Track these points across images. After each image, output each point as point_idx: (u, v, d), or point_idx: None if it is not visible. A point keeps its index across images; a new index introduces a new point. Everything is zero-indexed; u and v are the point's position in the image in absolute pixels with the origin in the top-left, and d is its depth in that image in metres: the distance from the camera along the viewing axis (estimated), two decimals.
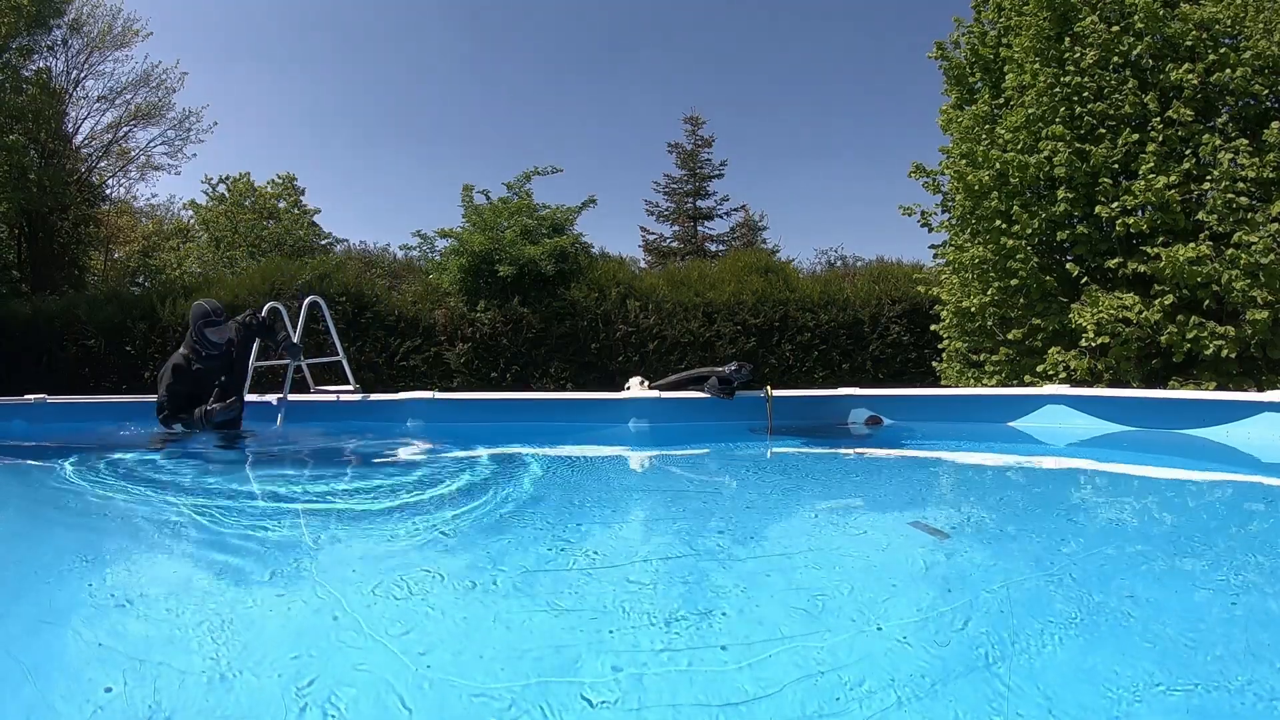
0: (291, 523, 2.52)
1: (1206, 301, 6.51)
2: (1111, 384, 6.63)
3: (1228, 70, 6.57)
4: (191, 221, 22.00)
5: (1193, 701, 1.27)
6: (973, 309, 7.73)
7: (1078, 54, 7.03)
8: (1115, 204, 6.73)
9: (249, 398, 5.40)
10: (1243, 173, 6.41)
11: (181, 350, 4.34)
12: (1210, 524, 2.71)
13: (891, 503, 2.93)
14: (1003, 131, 7.34)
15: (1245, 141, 6.43)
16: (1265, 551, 2.28)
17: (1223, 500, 3.08)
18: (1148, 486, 3.42)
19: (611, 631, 1.56)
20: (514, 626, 1.59)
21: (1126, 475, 3.70)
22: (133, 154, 17.69)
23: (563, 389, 10.23)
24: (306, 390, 5.81)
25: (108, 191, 18.05)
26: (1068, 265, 7.16)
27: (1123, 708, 1.25)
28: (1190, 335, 6.40)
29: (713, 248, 22.16)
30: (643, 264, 20.30)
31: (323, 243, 20.99)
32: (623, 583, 1.88)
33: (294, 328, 5.52)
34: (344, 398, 5.48)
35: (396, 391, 5.78)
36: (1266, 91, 6.72)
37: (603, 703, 1.26)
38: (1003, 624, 1.60)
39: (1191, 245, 6.35)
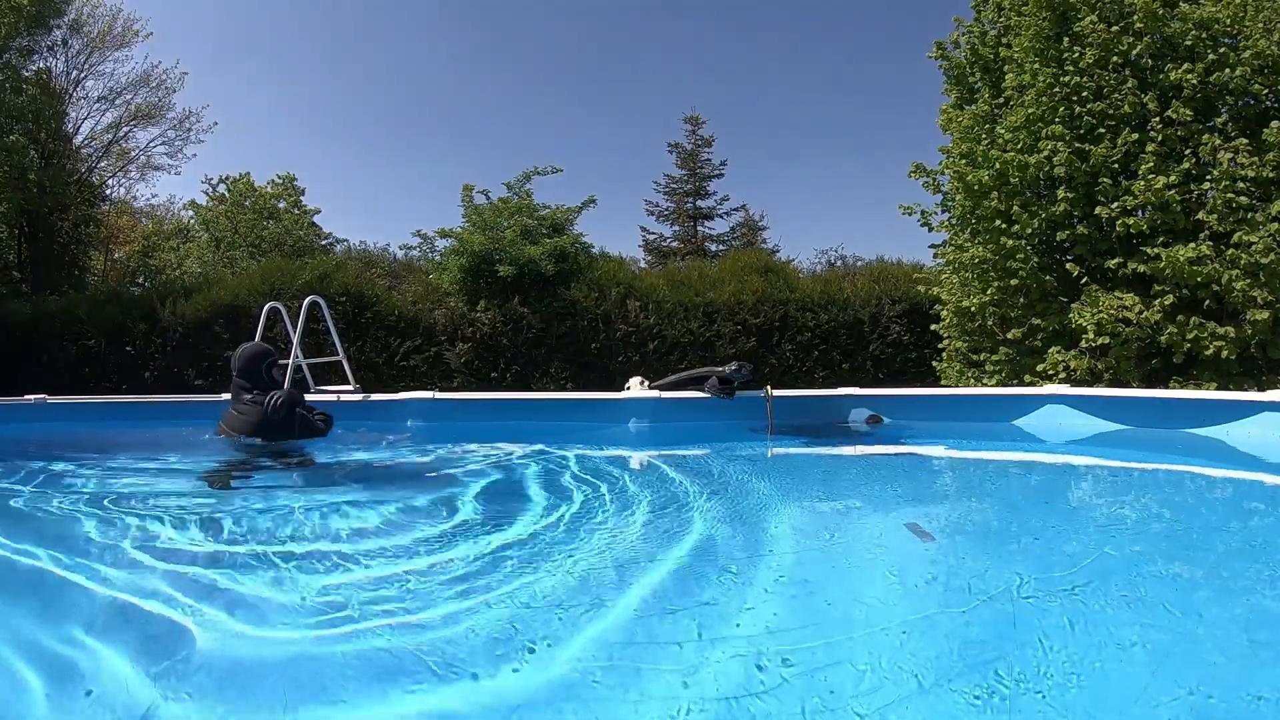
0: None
1: (1206, 301, 6.50)
2: (1111, 384, 6.62)
3: (1227, 70, 6.57)
4: (191, 221, 21.98)
5: (1193, 700, 1.27)
6: (973, 309, 7.72)
7: (1077, 54, 7.03)
8: (1115, 204, 6.73)
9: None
10: (1243, 172, 6.41)
11: (252, 395, 3.97)
12: (1211, 523, 2.71)
13: (892, 502, 2.94)
14: (1002, 131, 7.34)
15: (1245, 141, 6.42)
16: (1266, 551, 2.28)
17: (1223, 500, 3.08)
18: (1148, 486, 3.42)
19: (608, 628, 1.56)
20: (506, 626, 1.60)
21: (1127, 475, 3.70)
22: (133, 154, 17.67)
23: (563, 389, 10.23)
24: (307, 390, 5.81)
25: (108, 191, 18.03)
26: (1068, 265, 7.15)
27: (1123, 706, 1.25)
28: (1190, 335, 6.39)
29: (713, 248, 22.15)
30: (643, 264, 20.29)
31: (323, 243, 20.97)
32: (621, 582, 1.87)
33: (294, 328, 5.52)
34: (344, 398, 5.48)
35: (397, 391, 5.78)
36: (1266, 91, 6.71)
37: (597, 701, 1.26)
38: (1002, 623, 1.60)
39: (1191, 245, 6.35)
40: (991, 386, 7.42)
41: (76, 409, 6.10)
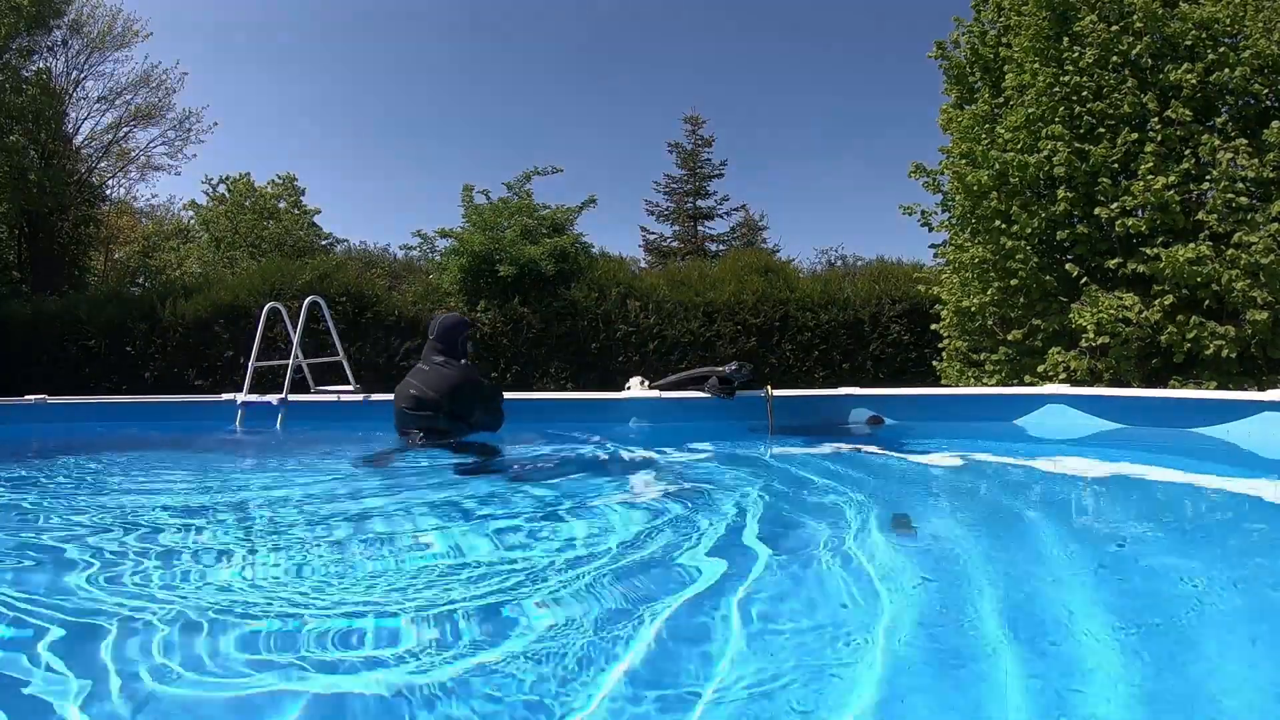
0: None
1: (1206, 301, 6.50)
2: (1111, 384, 6.62)
3: (1227, 70, 6.56)
4: (191, 222, 21.99)
5: (1193, 700, 1.28)
6: (973, 309, 7.72)
7: (1077, 54, 7.03)
8: (1115, 204, 6.73)
9: (250, 398, 5.41)
10: (1242, 173, 6.41)
11: (458, 365, 4.03)
12: (1210, 522, 2.71)
13: (891, 503, 2.94)
14: (1002, 131, 7.33)
15: (1245, 141, 6.42)
16: (1265, 549, 2.28)
17: (1223, 499, 3.08)
18: (1148, 486, 3.42)
19: (603, 633, 1.56)
20: (500, 628, 1.60)
21: (1126, 474, 3.70)
22: (133, 154, 17.71)
23: (563, 389, 10.23)
24: (307, 390, 5.81)
25: (108, 192, 18.07)
26: (1067, 265, 7.15)
27: (1124, 708, 1.25)
28: (1190, 335, 6.39)
29: (713, 248, 22.18)
30: (643, 264, 20.32)
31: (323, 243, 20.98)
32: (617, 584, 1.87)
33: (294, 328, 5.52)
34: (344, 398, 5.49)
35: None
36: (1266, 91, 6.71)
37: (592, 700, 1.26)
38: (1002, 624, 1.60)
39: (1191, 245, 6.34)
40: (991, 386, 7.42)
41: (77, 409, 6.10)
